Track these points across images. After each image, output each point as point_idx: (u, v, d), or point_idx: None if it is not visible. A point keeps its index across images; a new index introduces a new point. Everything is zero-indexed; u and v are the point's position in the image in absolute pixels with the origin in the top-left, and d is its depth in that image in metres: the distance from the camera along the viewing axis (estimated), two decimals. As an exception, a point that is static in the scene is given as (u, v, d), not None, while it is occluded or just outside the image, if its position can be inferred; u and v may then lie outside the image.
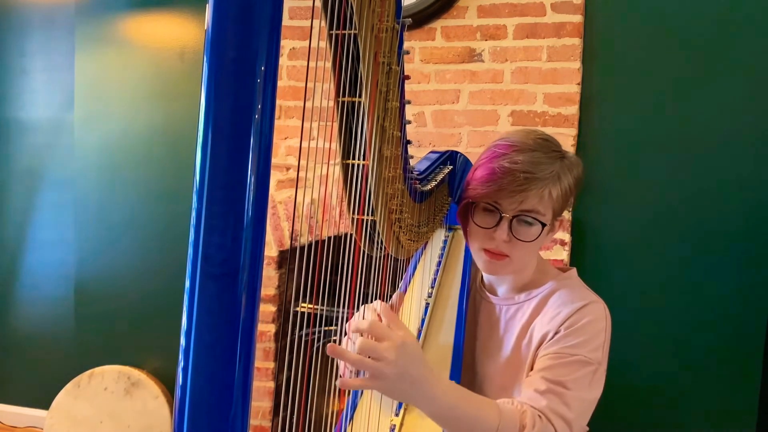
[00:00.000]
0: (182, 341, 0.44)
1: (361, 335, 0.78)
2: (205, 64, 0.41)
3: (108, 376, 2.63)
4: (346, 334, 1.09)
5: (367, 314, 0.93)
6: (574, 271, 1.12)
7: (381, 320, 0.83)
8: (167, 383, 2.63)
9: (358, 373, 0.79)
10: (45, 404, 2.72)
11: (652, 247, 2.12)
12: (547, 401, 0.91)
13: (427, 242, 1.31)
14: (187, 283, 0.43)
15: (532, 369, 1.01)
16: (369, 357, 0.75)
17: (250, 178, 0.42)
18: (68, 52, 2.69)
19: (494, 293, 1.14)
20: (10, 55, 2.78)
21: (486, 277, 1.17)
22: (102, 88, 2.66)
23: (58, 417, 2.64)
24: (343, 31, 0.65)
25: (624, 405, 2.13)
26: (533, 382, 0.95)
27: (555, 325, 0.99)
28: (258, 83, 0.41)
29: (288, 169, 2.38)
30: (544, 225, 1.00)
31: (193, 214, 0.42)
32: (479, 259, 1.06)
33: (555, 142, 1.03)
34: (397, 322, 0.82)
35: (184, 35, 2.56)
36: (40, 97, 2.77)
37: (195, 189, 0.42)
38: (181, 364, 0.44)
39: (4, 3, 2.76)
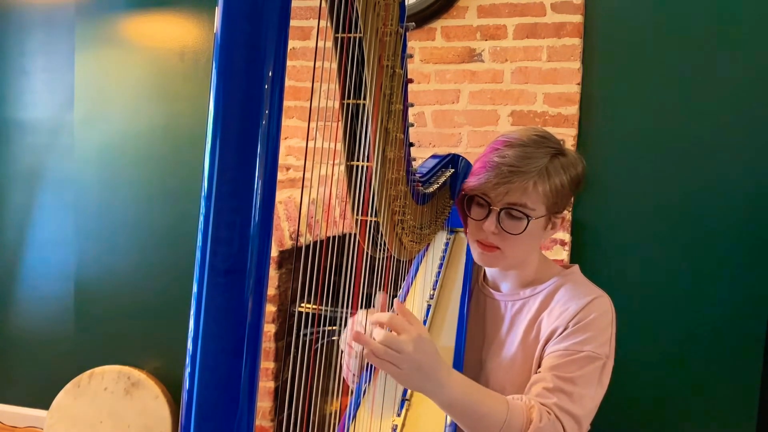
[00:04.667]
0: (189, 346, 0.44)
1: (381, 327, 0.84)
2: (214, 70, 0.41)
3: (108, 376, 2.63)
4: (345, 333, 1.10)
5: (370, 316, 0.96)
6: (577, 267, 1.14)
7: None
8: (167, 383, 2.63)
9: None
10: (45, 404, 2.72)
11: (652, 247, 2.12)
12: (556, 399, 0.93)
13: (429, 244, 1.32)
14: (195, 288, 0.43)
15: (539, 364, 1.02)
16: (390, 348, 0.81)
17: (257, 183, 0.42)
18: (68, 52, 2.69)
19: (498, 290, 1.15)
20: (10, 55, 2.78)
21: (489, 274, 1.18)
22: (102, 88, 2.66)
23: (58, 417, 2.64)
24: (349, 35, 0.65)
25: (624, 404, 2.14)
26: (542, 379, 0.97)
27: (564, 321, 1.01)
28: (266, 89, 0.41)
29: (288, 169, 2.38)
30: (530, 219, 1.01)
31: (201, 219, 0.43)
32: (474, 251, 1.10)
33: (553, 140, 1.05)
34: (412, 317, 0.86)
35: (184, 35, 2.56)
36: (40, 97, 2.77)
37: (203, 194, 0.42)
38: (188, 369, 0.44)
39: (4, 3, 2.76)
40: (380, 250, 0.91)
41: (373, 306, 0.99)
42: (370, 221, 0.83)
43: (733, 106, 2.04)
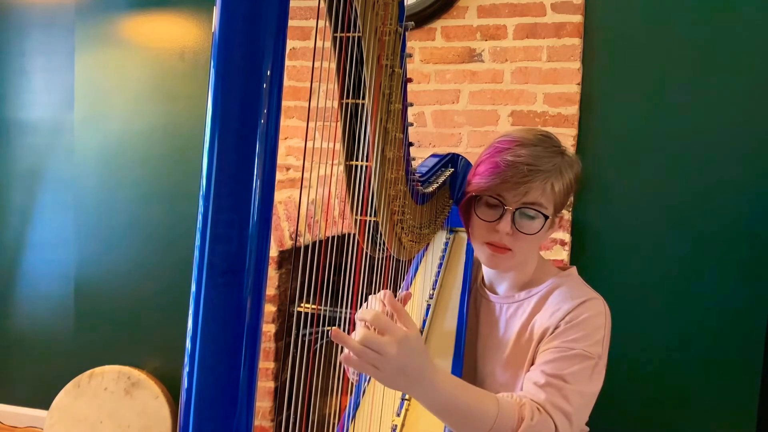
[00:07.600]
0: (188, 345, 0.44)
1: (365, 325, 0.78)
2: (212, 69, 0.41)
3: (108, 376, 2.63)
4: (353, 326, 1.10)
5: (374, 304, 0.91)
6: (574, 269, 1.13)
7: (387, 311, 0.82)
8: (167, 383, 2.63)
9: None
10: (45, 404, 2.72)
11: (651, 247, 2.12)
12: (546, 395, 0.92)
13: (428, 244, 1.32)
14: (193, 288, 0.43)
15: (532, 364, 1.01)
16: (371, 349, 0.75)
17: (256, 182, 0.42)
18: (68, 52, 2.69)
19: (494, 292, 1.15)
20: (10, 55, 2.78)
21: (487, 275, 1.17)
22: (102, 88, 2.66)
23: (58, 417, 2.64)
24: (348, 34, 0.65)
25: (624, 404, 2.13)
26: (533, 376, 0.96)
27: (555, 321, 1.01)
28: (264, 88, 0.41)
29: (288, 169, 2.38)
30: (546, 218, 1.01)
31: (199, 218, 0.43)
32: (482, 253, 1.08)
33: (555, 139, 1.05)
34: (403, 314, 0.81)
35: (184, 35, 2.56)
36: (40, 97, 2.77)
37: (201, 193, 0.42)
38: (187, 368, 0.44)
39: (4, 3, 2.76)
40: (380, 250, 0.91)
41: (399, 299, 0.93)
42: (370, 221, 0.83)
43: (733, 105, 2.04)
